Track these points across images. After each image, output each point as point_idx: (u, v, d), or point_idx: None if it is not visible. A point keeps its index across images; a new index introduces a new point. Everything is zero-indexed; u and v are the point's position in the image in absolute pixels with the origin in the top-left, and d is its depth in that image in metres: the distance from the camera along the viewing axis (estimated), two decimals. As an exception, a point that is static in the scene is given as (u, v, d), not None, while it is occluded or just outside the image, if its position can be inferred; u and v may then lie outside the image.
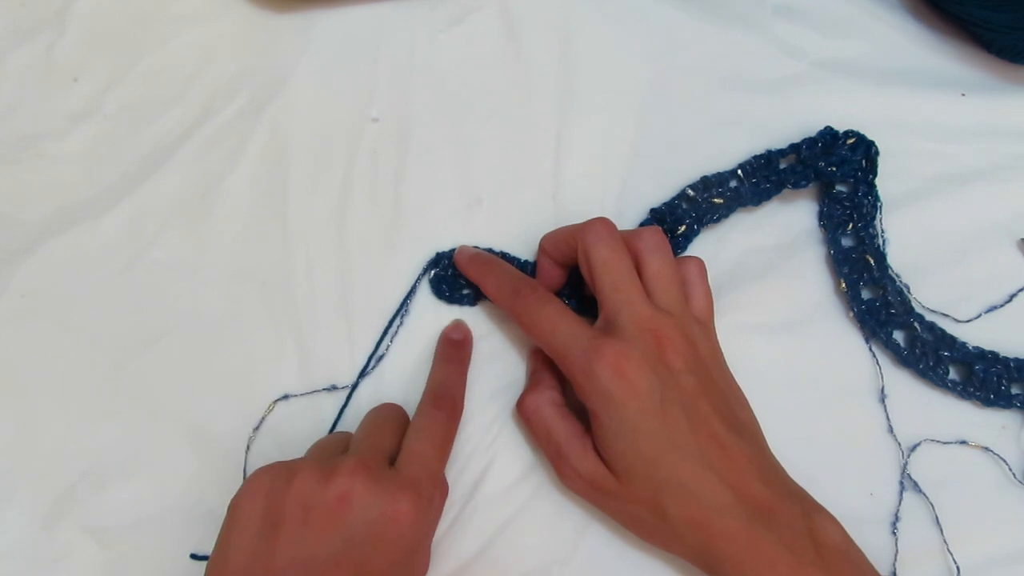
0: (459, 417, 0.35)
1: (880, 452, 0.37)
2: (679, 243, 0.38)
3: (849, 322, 0.39)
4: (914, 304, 0.38)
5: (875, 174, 0.39)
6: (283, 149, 0.40)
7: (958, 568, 0.35)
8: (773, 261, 0.39)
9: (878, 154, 0.39)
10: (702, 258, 0.36)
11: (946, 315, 0.38)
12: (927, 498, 0.36)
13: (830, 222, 0.39)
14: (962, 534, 0.35)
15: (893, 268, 0.38)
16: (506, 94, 0.42)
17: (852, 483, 0.36)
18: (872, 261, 0.38)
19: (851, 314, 0.38)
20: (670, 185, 0.40)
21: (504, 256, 0.39)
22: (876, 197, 0.39)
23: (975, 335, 0.38)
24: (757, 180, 0.39)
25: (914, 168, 0.40)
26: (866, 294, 0.38)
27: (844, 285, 0.38)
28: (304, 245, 0.39)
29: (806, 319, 0.39)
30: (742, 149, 0.40)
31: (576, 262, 0.35)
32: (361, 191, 0.40)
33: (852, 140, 0.39)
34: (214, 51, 0.42)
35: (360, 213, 0.40)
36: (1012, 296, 0.39)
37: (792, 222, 0.40)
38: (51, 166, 0.40)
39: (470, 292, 0.38)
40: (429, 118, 0.41)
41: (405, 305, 0.38)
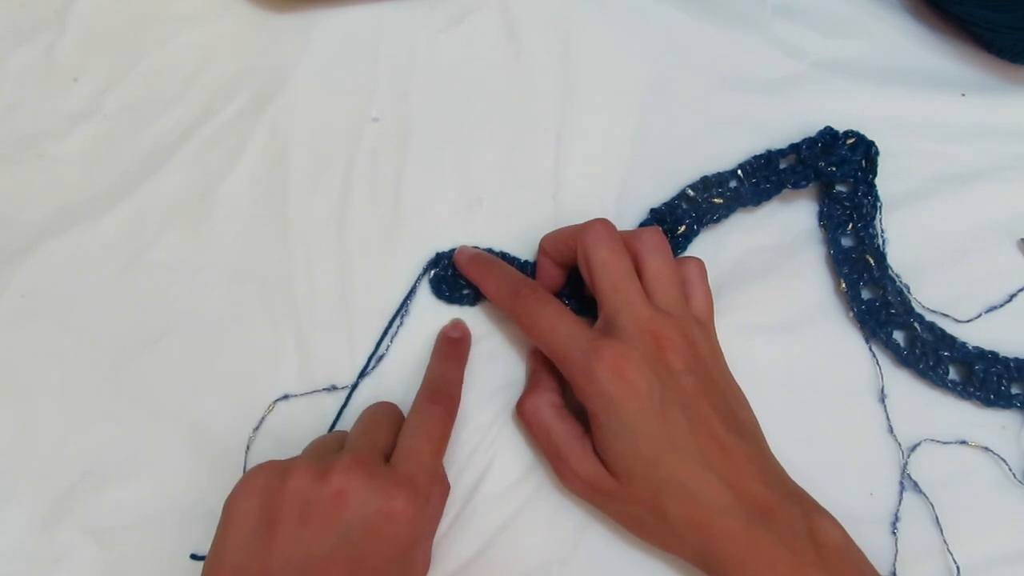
0: (455, 412, 0.35)
1: (880, 452, 0.37)
2: (679, 243, 0.38)
3: (849, 322, 0.39)
4: (914, 304, 0.38)
5: (875, 174, 0.39)
6: (283, 149, 0.40)
7: (958, 568, 0.35)
8: (773, 261, 0.39)
9: (878, 154, 0.39)
10: (702, 258, 0.36)
11: (946, 315, 0.38)
12: (927, 498, 0.36)
13: (830, 222, 0.39)
14: (962, 534, 0.35)
15: (893, 268, 0.38)
16: (506, 94, 0.42)
17: (852, 483, 0.36)
18: (872, 261, 0.38)
19: (851, 314, 0.38)
20: (670, 185, 0.40)
21: (504, 256, 0.39)
22: (876, 197, 0.39)
23: (975, 335, 0.38)
24: (757, 180, 0.39)
25: (914, 168, 0.40)
26: (866, 294, 0.38)
27: (844, 285, 0.38)
28: (304, 245, 0.39)
29: (806, 319, 0.39)
30: (742, 149, 0.40)
31: (576, 263, 0.35)
32: (361, 191, 0.40)
33: (852, 140, 0.39)
34: (214, 51, 0.42)
35: (360, 213, 0.40)
36: (1012, 296, 0.39)
37: (792, 222, 0.40)
38: (51, 166, 0.40)
39: (470, 292, 0.38)
40: (429, 118, 0.41)
41: (405, 305, 0.38)
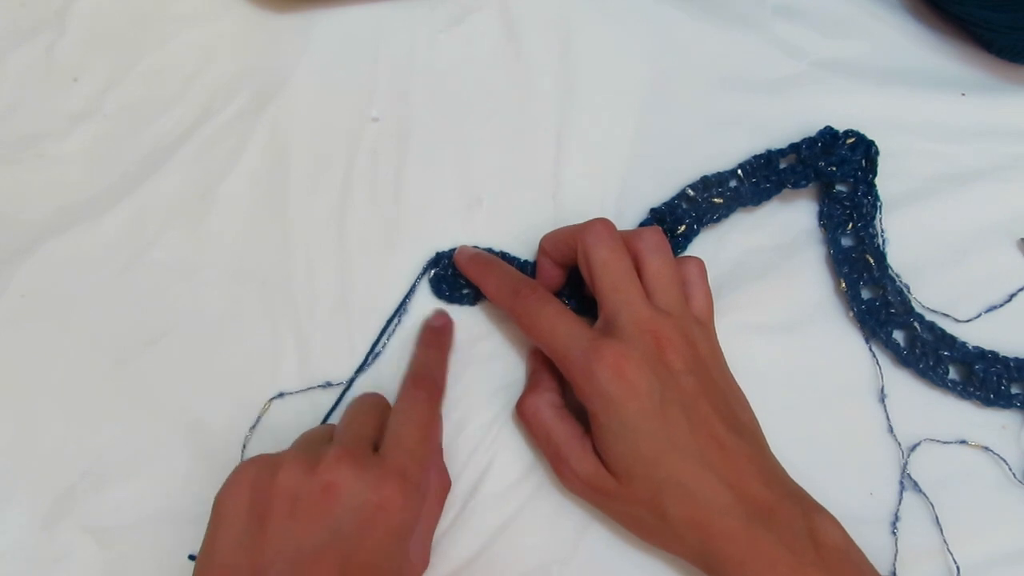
0: (441, 397, 0.35)
1: (880, 452, 0.37)
2: (679, 243, 0.38)
3: (849, 322, 0.39)
4: (914, 304, 0.38)
5: (875, 174, 0.39)
6: (283, 149, 0.40)
7: (958, 568, 0.35)
8: (773, 261, 0.39)
9: (878, 154, 0.39)
10: (702, 258, 0.36)
11: (946, 315, 0.38)
12: (927, 498, 0.36)
13: (830, 222, 0.39)
14: (962, 534, 0.35)
15: (893, 268, 0.38)
16: (506, 94, 0.42)
17: (852, 483, 0.36)
18: (872, 261, 0.38)
19: (851, 314, 0.38)
20: (670, 185, 0.39)
21: (504, 256, 0.39)
22: (876, 197, 0.39)
23: (975, 335, 0.38)
24: (757, 180, 0.39)
25: (914, 168, 0.40)
26: (866, 294, 0.38)
27: (844, 285, 0.38)
28: (304, 245, 0.39)
29: (806, 319, 0.39)
30: (742, 149, 0.40)
31: (576, 262, 0.35)
32: (361, 191, 0.40)
33: (852, 140, 0.39)
34: (214, 51, 0.42)
35: (360, 213, 0.40)
36: (1012, 296, 0.39)
37: (792, 222, 0.40)
38: (51, 166, 0.40)
39: (470, 292, 0.38)
40: (429, 118, 0.41)
41: (404, 304, 0.38)
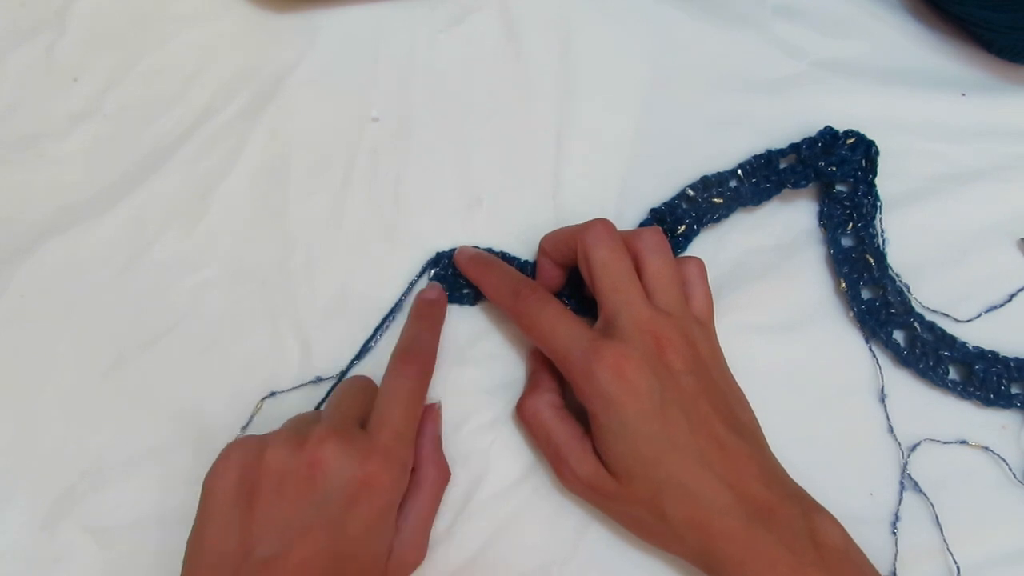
0: (430, 374, 0.35)
1: (880, 452, 0.37)
2: (679, 243, 0.38)
3: (849, 322, 0.39)
4: (914, 304, 0.38)
5: (875, 174, 0.39)
6: (283, 149, 0.40)
7: (958, 568, 0.35)
8: (773, 261, 0.39)
9: (878, 154, 0.39)
10: (702, 258, 0.36)
11: (946, 315, 0.38)
12: (927, 498, 0.36)
13: (830, 222, 0.39)
14: (962, 534, 0.35)
15: (893, 268, 0.38)
16: (506, 94, 0.42)
17: (852, 483, 0.36)
18: (872, 261, 0.38)
19: (851, 314, 0.38)
20: (670, 185, 0.39)
21: (504, 256, 0.39)
22: (876, 197, 0.39)
23: (975, 335, 0.38)
24: (757, 180, 0.39)
25: (914, 168, 0.40)
26: (866, 294, 0.38)
27: (844, 285, 0.38)
28: (304, 245, 0.39)
29: (806, 319, 0.39)
30: (742, 149, 0.40)
31: (576, 263, 0.35)
32: (361, 191, 0.40)
33: (852, 140, 0.39)
34: (214, 51, 0.42)
35: (360, 213, 0.40)
36: (1012, 296, 0.39)
37: (792, 222, 0.40)
38: (51, 166, 0.40)
39: (470, 292, 0.38)
40: (429, 118, 0.41)
41: (401, 303, 0.38)
